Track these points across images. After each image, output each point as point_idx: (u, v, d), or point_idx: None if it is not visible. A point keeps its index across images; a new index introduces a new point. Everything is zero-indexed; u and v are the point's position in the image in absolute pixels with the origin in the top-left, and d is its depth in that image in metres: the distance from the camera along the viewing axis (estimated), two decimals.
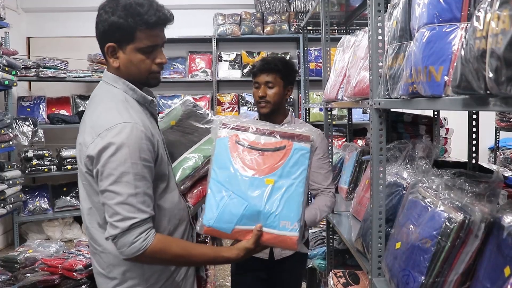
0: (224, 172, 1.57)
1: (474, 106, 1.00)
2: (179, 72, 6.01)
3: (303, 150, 1.56)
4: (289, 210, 1.52)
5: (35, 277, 2.78)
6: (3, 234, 5.64)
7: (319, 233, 3.76)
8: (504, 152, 5.35)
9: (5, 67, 4.39)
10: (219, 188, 1.57)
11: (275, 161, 1.55)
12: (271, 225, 1.52)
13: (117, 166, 1.42)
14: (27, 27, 6.14)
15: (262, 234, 1.52)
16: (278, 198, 1.53)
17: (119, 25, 1.49)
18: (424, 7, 1.29)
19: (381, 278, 1.72)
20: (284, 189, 1.53)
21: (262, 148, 1.57)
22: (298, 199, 1.53)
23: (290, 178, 1.54)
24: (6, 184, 4.26)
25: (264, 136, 1.59)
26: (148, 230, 1.46)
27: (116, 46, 1.54)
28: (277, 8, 5.91)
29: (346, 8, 3.69)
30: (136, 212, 1.43)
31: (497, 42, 0.77)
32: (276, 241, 1.54)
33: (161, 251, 1.48)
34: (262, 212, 1.52)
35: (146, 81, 1.62)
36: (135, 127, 1.46)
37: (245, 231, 1.55)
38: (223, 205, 1.55)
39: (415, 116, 3.01)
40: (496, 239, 1.18)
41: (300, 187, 1.54)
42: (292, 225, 1.51)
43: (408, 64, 1.36)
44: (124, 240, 1.43)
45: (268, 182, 1.53)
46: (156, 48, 1.58)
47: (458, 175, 1.48)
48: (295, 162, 1.55)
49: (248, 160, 1.57)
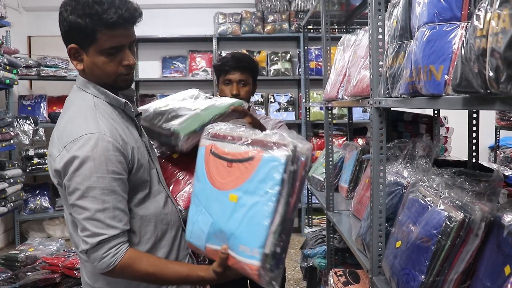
0: (199, 185, 1.47)
1: (475, 105, 1.00)
2: (179, 71, 6.01)
3: (275, 161, 1.27)
4: (250, 233, 1.28)
5: (36, 276, 2.79)
6: (4, 233, 5.65)
7: (320, 232, 3.76)
8: (504, 151, 5.35)
9: (6, 66, 4.39)
10: (195, 201, 1.48)
11: (242, 174, 1.32)
12: (232, 248, 1.34)
13: (82, 181, 1.35)
14: (28, 26, 6.14)
15: (228, 257, 1.36)
16: (239, 217, 1.30)
17: (78, 25, 1.38)
18: (425, 6, 1.28)
19: (381, 277, 1.71)
20: (247, 208, 1.29)
21: (230, 158, 1.36)
22: (262, 220, 1.26)
23: (256, 195, 1.28)
24: (7, 182, 4.27)
25: (235, 145, 1.36)
26: (118, 245, 1.41)
27: (78, 48, 1.44)
28: (277, 7, 5.91)
29: (347, 7, 3.69)
30: (105, 228, 1.37)
31: (498, 41, 0.77)
32: (238, 267, 1.34)
33: (130, 267, 1.43)
34: (224, 232, 1.35)
35: (115, 84, 1.50)
36: (101, 138, 1.37)
37: (215, 251, 1.40)
38: (195, 221, 1.46)
39: (415, 115, 3.01)
40: (496, 238, 1.18)
41: (268, 206, 1.26)
42: (251, 251, 1.27)
43: (408, 63, 1.36)
44: (94, 255, 1.39)
45: (232, 199, 1.33)
46: (122, 49, 1.46)
47: (458, 174, 1.48)
48: (264, 177, 1.27)
49: (217, 172, 1.39)
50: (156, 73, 6.11)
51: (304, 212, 5.71)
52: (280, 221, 1.27)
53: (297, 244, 5.34)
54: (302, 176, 1.32)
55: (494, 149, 5.49)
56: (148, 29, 5.59)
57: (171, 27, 5.96)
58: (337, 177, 3.39)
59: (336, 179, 3.36)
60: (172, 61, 6.04)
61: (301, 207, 5.80)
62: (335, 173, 3.34)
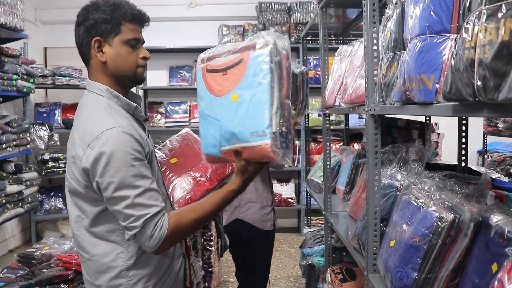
0: (203, 101, 1.53)
1: (464, 112, 1.01)
2: (185, 79, 6.02)
3: (261, 55, 1.37)
4: (256, 119, 1.37)
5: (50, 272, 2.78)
6: (21, 232, 5.65)
7: (318, 231, 3.75)
8: (491, 155, 5.34)
9: (24, 76, 4.41)
10: (203, 117, 1.53)
11: (237, 76, 1.42)
12: (244, 139, 1.40)
13: (115, 173, 1.38)
14: (44, 38, 6.16)
15: (242, 150, 1.43)
16: (244, 110, 1.40)
17: (104, 19, 1.48)
18: (416, 19, 1.29)
19: (376, 274, 1.71)
20: (248, 100, 1.39)
21: (224, 67, 1.46)
22: (263, 106, 1.36)
23: (253, 88, 1.39)
24: (24, 185, 4.27)
25: (225, 57, 1.47)
26: (160, 218, 1.42)
27: (102, 40, 1.50)
28: (278, 20, 5.92)
29: (343, 20, 3.70)
30: (146, 208, 1.40)
31: (485, 52, 0.78)
32: (253, 154, 1.42)
33: (178, 228, 1.45)
34: (234, 129, 1.42)
35: (134, 75, 1.56)
36: (121, 131, 1.41)
37: (230, 151, 1.47)
38: (207, 132, 1.52)
39: (408, 121, 3.01)
40: (484, 238, 1.18)
41: (264, 93, 1.36)
42: (261, 133, 1.36)
43: (401, 73, 1.36)
44: (143, 237, 1.41)
45: (234, 99, 1.42)
46: (139, 42, 1.56)
47: (449, 177, 1.48)
48: (255, 71, 1.38)
49: (215, 83, 1.48)
50: (163, 81, 6.12)
51: (303, 213, 5.70)
52: (278, 104, 1.38)
53: (297, 243, 5.34)
54: (286, 67, 1.45)
55: (482, 153, 5.48)
56: (157, 40, 5.61)
57: (178, 38, 5.97)
58: (335, 180, 3.39)
59: (333, 182, 3.36)
60: (179, 70, 6.05)
61: (300, 208, 5.79)
62: (333, 176, 3.34)
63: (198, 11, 6.15)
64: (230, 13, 6.13)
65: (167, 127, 5.88)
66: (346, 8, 3.30)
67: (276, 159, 1.39)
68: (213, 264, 3.68)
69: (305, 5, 5.87)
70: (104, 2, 1.51)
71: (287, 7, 5.95)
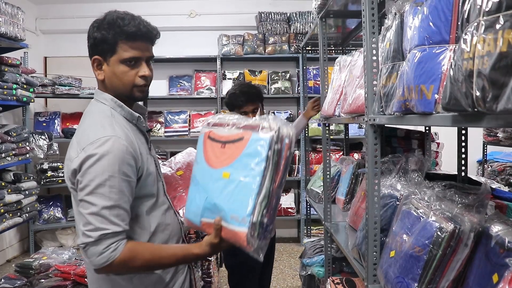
0: (198, 166, 1.53)
1: (463, 122, 1.01)
2: (185, 89, 6.03)
3: (261, 140, 1.35)
4: (239, 203, 1.35)
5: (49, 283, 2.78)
6: (20, 242, 5.63)
7: (318, 242, 3.74)
8: (491, 165, 5.34)
9: (24, 85, 4.42)
10: (194, 181, 1.53)
11: (233, 153, 1.41)
12: (224, 218, 1.39)
13: (94, 177, 1.37)
14: (44, 47, 6.18)
15: (222, 228, 1.40)
16: (231, 190, 1.37)
17: (102, 38, 1.49)
18: (415, 30, 1.30)
19: (376, 285, 1.71)
20: (238, 181, 1.37)
21: (224, 140, 1.45)
22: (250, 192, 1.33)
23: (245, 170, 1.36)
24: (22, 194, 4.27)
25: (229, 129, 1.46)
26: (118, 241, 1.40)
27: (101, 59, 1.52)
28: (277, 30, 5.94)
29: (343, 30, 3.72)
30: (108, 224, 1.37)
31: (483, 63, 0.78)
32: (229, 236, 1.40)
33: (130, 260, 1.42)
34: (218, 205, 1.41)
35: (130, 94, 1.55)
36: (117, 141, 1.41)
37: (210, 224, 1.45)
38: (193, 198, 1.51)
39: (408, 131, 3.01)
40: (484, 248, 1.18)
41: (255, 179, 1.34)
42: (241, 219, 1.33)
43: (401, 83, 1.37)
44: (94, 250, 1.37)
45: (224, 176, 1.40)
46: (139, 61, 1.53)
47: (449, 187, 1.48)
48: (251, 154, 1.36)
49: (212, 153, 1.47)
50: (163, 91, 6.13)
51: (303, 223, 5.69)
52: (266, 194, 1.34)
53: (296, 253, 5.32)
54: (286, 156, 1.39)
55: (482, 163, 5.48)
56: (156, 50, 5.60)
57: (177, 48, 5.98)
58: (334, 189, 3.38)
59: (333, 192, 3.35)
60: (179, 80, 6.07)
61: (300, 218, 5.78)
62: (333, 186, 3.33)
63: (198, 21, 6.19)
64: (230, 23, 6.16)
65: (166, 137, 5.88)
66: (346, 19, 3.31)
67: (249, 249, 1.35)
68: (213, 274, 3.66)
69: (305, 15, 5.90)
70: (106, 18, 1.50)
71: (287, 17, 5.99)
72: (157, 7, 6.01)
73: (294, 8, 5.99)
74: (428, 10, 1.24)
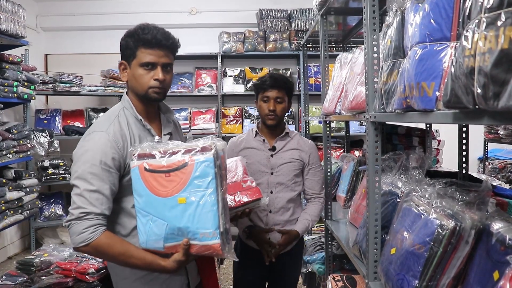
0: (142, 199, 1.57)
1: (464, 119, 1.01)
2: (186, 86, 6.02)
3: (206, 161, 1.51)
4: (205, 220, 1.50)
5: (50, 280, 2.78)
6: (21, 239, 5.64)
7: (318, 239, 3.75)
8: (492, 162, 5.34)
9: (25, 82, 4.42)
10: (142, 214, 1.58)
11: (182, 179, 1.52)
12: (193, 238, 1.53)
13: (81, 165, 1.60)
14: (45, 45, 6.17)
15: (190, 246, 1.54)
16: (192, 212, 1.51)
17: (126, 44, 1.73)
18: (416, 27, 1.29)
19: (377, 282, 1.71)
20: (196, 203, 1.50)
21: (166, 169, 1.53)
22: (212, 208, 1.50)
23: (199, 191, 1.51)
24: (23, 191, 4.27)
25: (168, 158, 1.54)
26: (98, 225, 1.57)
27: (125, 64, 1.76)
28: (278, 27, 5.93)
29: (344, 27, 3.71)
30: (88, 204, 1.56)
31: (485, 60, 0.78)
32: (202, 250, 1.55)
33: (104, 246, 1.57)
34: (182, 228, 1.52)
35: (146, 94, 1.74)
36: (103, 136, 1.64)
37: (175, 246, 1.56)
38: (148, 229, 1.57)
39: (409, 129, 3.01)
40: (485, 245, 1.18)
41: (212, 196, 1.50)
42: (211, 234, 1.51)
43: (401, 80, 1.36)
44: (75, 228, 1.55)
45: (180, 201, 1.51)
46: (155, 65, 1.71)
47: (450, 184, 1.48)
48: (201, 175, 1.51)
49: (158, 184, 1.54)
50: None
51: None
52: (222, 204, 1.54)
53: None
54: (224, 166, 1.62)
55: (483, 160, 5.48)
56: None
57: None
58: (335, 187, 3.38)
59: (334, 189, 3.36)
60: (180, 77, 6.06)
61: None
62: (333, 183, 3.33)
63: (199, 18, 6.19)
64: (231, 20, 6.15)
65: None
66: (347, 16, 3.31)
67: (224, 255, 1.55)
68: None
69: (306, 12, 5.89)
70: (134, 28, 1.72)
71: (288, 14, 5.98)
72: (158, 4, 6.00)
73: (294, 5, 5.98)
74: (429, 7, 1.24)
